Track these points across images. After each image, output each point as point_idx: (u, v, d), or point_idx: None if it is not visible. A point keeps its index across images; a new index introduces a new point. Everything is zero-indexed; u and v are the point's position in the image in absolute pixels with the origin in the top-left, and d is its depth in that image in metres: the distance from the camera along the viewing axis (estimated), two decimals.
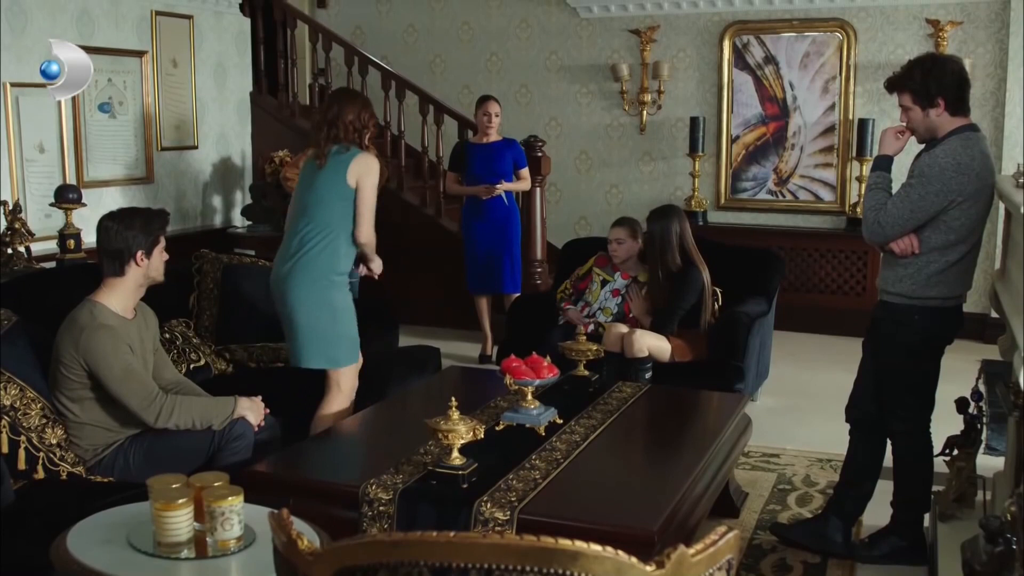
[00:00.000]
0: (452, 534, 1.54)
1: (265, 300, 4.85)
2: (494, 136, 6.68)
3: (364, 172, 4.19)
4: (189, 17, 7.61)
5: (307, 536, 1.66)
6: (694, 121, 7.92)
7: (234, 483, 2.59)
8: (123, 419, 3.52)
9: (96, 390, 3.47)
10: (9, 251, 5.36)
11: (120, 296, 3.56)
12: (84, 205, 5.84)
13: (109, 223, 3.56)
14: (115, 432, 3.52)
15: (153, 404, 3.45)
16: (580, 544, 1.51)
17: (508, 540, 1.53)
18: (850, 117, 7.68)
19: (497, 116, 6.65)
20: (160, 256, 3.63)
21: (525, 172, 6.71)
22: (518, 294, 6.60)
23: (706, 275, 5.24)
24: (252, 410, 3.65)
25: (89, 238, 5.74)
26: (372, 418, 3.99)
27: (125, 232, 3.52)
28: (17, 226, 5.44)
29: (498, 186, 6.51)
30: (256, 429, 3.65)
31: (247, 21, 8.25)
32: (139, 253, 3.54)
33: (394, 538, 1.57)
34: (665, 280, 5.19)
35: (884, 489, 3.83)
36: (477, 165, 6.61)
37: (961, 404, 3.81)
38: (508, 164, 6.64)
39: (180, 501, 2.47)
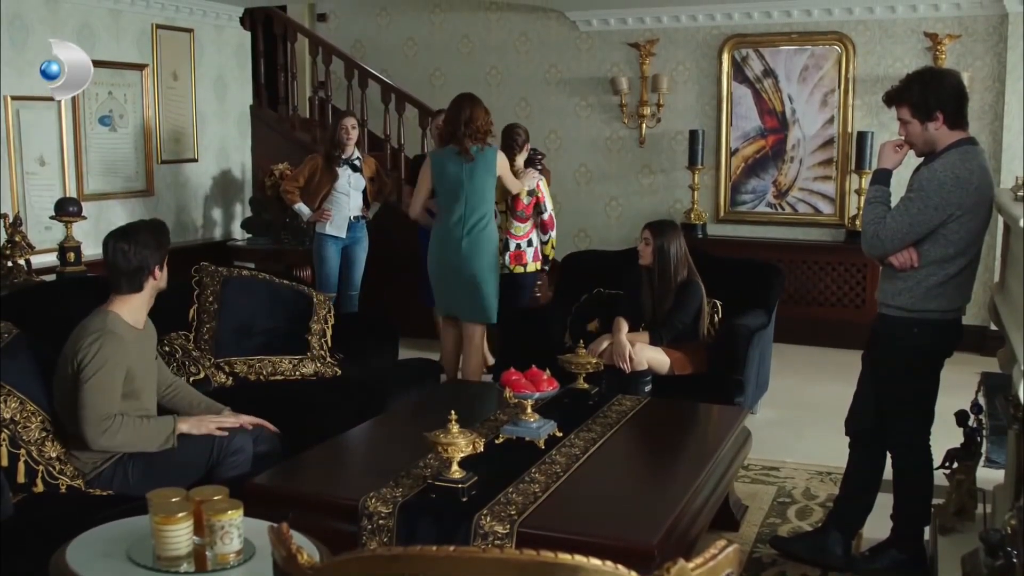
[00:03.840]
0: (452, 548, 1.54)
1: (265, 313, 4.86)
2: None
3: (504, 165, 5.53)
4: (190, 31, 7.64)
5: (307, 550, 1.65)
6: (693, 134, 7.93)
7: (233, 496, 2.59)
8: None
9: None
10: (9, 264, 5.37)
11: (134, 309, 3.58)
12: (84, 218, 5.85)
13: (123, 245, 3.54)
14: None
15: (103, 422, 3.38)
16: (580, 558, 1.51)
17: (508, 554, 1.53)
18: (849, 130, 7.70)
19: None
20: (165, 267, 3.68)
21: None
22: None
23: (702, 287, 5.26)
24: (194, 425, 3.61)
25: (89, 251, 5.76)
26: (371, 431, 3.99)
27: (142, 251, 3.54)
28: (17, 239, 5.45)
29: None
30: (225, 433, 3.63)
31: (247, 35, 8.29)
32: (156, 268, 3.59)
33: (394, 552, 1.57)
34: (667, 293, 5.19)
35: (884, 502, 3.82)
36: None
37: (961, 417, 3.81)
38: None
39: (180, 515, 2.46)
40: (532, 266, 6.02)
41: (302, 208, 6.73)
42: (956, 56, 7.38)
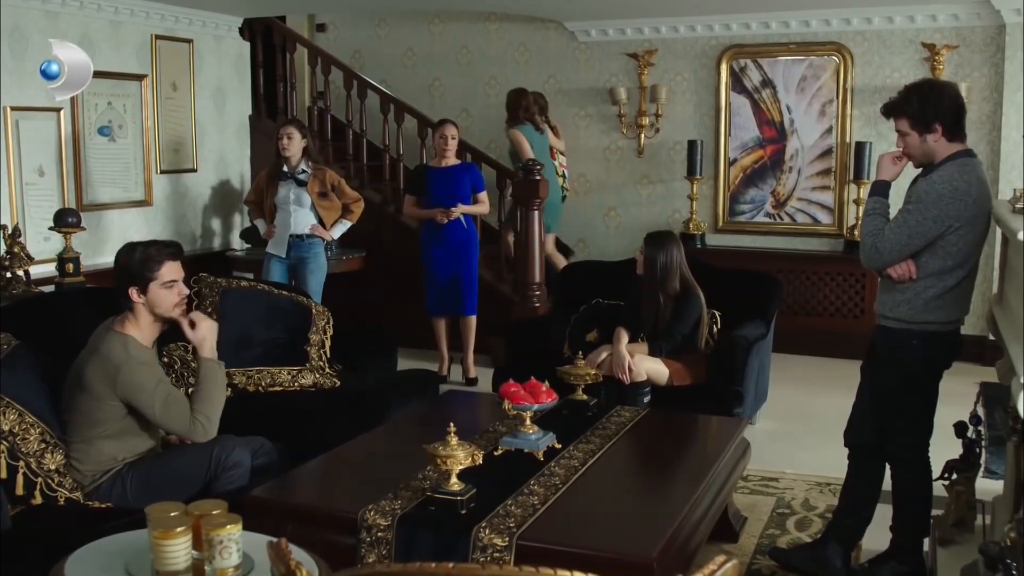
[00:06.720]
0: (451, 565, 1.53)
1: (263, 324, 4.86)
2: (451, 159, 6.76)
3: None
4: (189, 41, 7.64)
5: (306, 566, 1.65)
6: (692, 144, 7.94)
7: (232, 509, 2.58)
8: (130, 447, 3.52)
9: (125, 419, 3.48)
10: (8, 275, 5.36)
11: (138, 328, 3.55)
12: (83, 229, 5.85)
13: (119, 254, 3.56)
14: (117, 459, 3.50)
15: (194, 425, 3.50)
16: (579, 575, 1.50)
17: (507, 571, 1.53)
18: (847, 140, 7.71)
19: (454, 139, 6.72)
20: (160, 292, 3.51)
21: (483, 196, 6.80)
22: (475, 315, 6.80)
23: (703, 298, 5.25)
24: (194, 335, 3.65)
25: (88, 262, 5.76)
26: (370, 443, 3.98)
27: (119, 265, 3.53)
28: (16, 250, 5.44)
29: (454, 209, 6.57)
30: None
31: (247, 45, 8.29)
32: (132, 290, 3.50)
33: (393, 569, 1.57)
34: (665, 304, 5.20)
35: (883, 513, 3.82)
36: (436, 189, 6.67)
37: (960, 428, 3.80)
38: (466, 187, 6.71)
39: (178, 530, 2.45)
40: None
41: (260, 224, 6.64)
42: (954, 66, 7.39)
